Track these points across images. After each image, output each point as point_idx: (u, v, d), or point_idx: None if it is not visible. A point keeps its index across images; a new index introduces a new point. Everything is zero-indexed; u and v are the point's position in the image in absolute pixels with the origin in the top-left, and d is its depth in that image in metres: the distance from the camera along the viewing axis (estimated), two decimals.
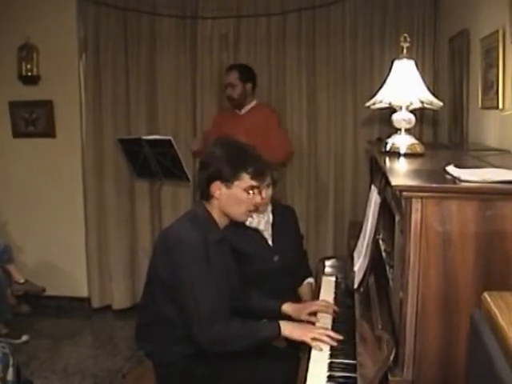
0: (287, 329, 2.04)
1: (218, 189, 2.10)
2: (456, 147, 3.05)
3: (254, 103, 3.93)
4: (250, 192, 2.11)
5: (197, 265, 2.01)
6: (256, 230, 2.75)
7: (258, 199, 2.16)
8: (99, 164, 4.39)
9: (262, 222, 2.77)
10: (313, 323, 2.18)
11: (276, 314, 2.28)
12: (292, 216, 2.99)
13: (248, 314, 2.27)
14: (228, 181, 2.09)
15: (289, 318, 2.24)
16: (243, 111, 3.92)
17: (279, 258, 2.74)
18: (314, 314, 2.24)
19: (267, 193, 2.58)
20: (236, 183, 2.09)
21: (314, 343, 1.95)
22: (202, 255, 2.03)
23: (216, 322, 1.99)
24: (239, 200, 2.11)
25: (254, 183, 2.11)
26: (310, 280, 2.88)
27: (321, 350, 1.93)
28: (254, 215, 2.60)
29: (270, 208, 2.83)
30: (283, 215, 2.89)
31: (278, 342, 2.45)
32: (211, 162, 2.13)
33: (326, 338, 1.95)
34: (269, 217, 2.81)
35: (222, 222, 2.18)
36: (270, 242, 2.78)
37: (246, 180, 2.10)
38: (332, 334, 1.97)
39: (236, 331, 2.03)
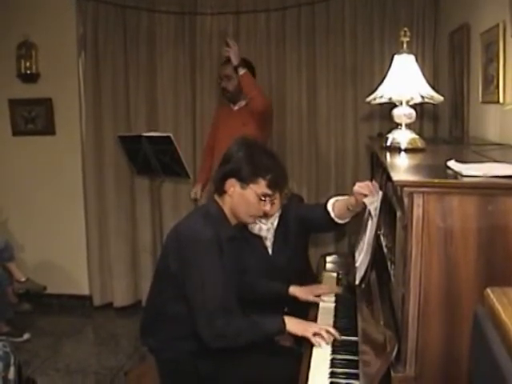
0: (291, 324, 2.05)
1: (232, 186, 2.12)
2: (457, 142, 3.04)
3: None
4: (263, 198, 2.12)
5: (209, 262, 2.02)
6: (258, 237, 2.63)
7: (267, 207, 2.17)
8: (99, 161, 4.38)
9: (264, 229, 2.63)
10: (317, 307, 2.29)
11: (283, 297, 2.36)
12: (294, 204, 2.70)
13: (255, 299, 2.31)
14: (244, 181, 2.10)
15: (296, 299, 2.36)
16: (237, 107, 3.74)
17: (277, 266, 2.61)
18: (319, 297, 2.36)
19: (277, 202, 2.38)
20: (251, 186, 2.10)
21: (314, 339, 1.97)
22: (215, 252, 2.04)
23: (221, 318, 1.99)
24: (250, 203, 2.12)
25: (268, 191, 2.12)
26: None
27: (320, 346, 1.95)
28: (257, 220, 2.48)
29: (277, 213, 2.63)
30: (287, 212, 2.65)
31: (284, 340, 2.44)
32: (232, 158, 2.14)
33: (324, 333, 1.97)
34: (273, 224, 2.64)
35: (233, 219, 2.19)
36: (269, 251, 2.65)
37: (262, 186, 2.11)
38: (332, 330, 1.99)
39: (240, 327, 2.03)
